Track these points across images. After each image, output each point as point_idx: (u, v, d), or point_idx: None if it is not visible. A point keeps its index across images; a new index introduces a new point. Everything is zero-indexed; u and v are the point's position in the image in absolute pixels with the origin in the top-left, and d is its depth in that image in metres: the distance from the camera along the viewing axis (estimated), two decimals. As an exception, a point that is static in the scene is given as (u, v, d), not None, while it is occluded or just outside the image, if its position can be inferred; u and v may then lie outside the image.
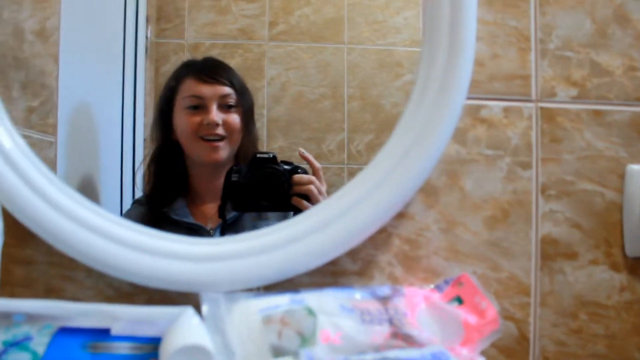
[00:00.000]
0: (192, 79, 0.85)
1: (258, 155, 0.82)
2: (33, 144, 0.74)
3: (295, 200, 0.81)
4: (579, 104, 0.83)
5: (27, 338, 0.57)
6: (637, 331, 0.83)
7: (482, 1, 0.80)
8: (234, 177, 0.82)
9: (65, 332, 0.59)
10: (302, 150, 0.83)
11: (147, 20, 0.89)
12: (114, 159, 0.88)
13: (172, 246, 0.70)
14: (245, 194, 0.80)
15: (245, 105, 0.85)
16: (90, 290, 0.74)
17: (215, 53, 0.88)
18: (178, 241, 0.71)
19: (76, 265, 0.72)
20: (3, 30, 0.81)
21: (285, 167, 0.82)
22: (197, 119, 0.83)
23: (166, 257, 0.69)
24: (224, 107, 0.84)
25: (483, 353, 0.70)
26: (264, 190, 0.81)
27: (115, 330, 0.59)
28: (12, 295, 0.73)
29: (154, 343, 0.59)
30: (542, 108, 0.82)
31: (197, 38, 0.88)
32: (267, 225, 0.75)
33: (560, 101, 0.83)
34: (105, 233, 0.69)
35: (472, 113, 0.81)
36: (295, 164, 0.83)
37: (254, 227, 0.76)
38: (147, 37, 0.88)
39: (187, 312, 0.60)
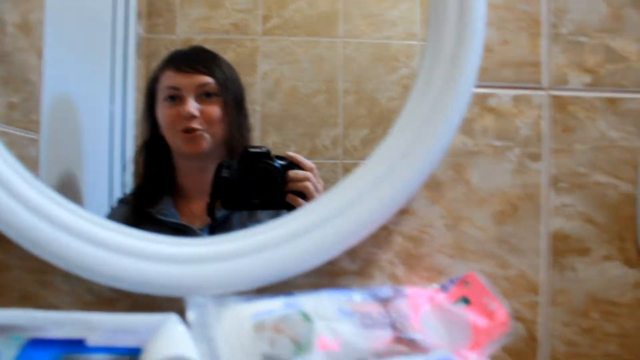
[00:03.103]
0: (170, 70, 0.82)
1: (250, 150, 0.78)
2: (14, 142, 0.73)
3: (290, 198, 0.77)
4: (592, 91, 0.79)
5: (-7, 351, 0.53)
6: (652, 330, 0.79)
7: (492, -17, 0.76)
8: (224, 173, 0.78)
9: (36, 343, 0.55)
10: (290, 153, 0.79)
11: (138, 15, 0.86)
12: (102, 157, 0.86)
13: (156, 247, 0.66)
14: (236, 191, 0.77)
15: (227, 94, 0.82)
16: (69, 296, 0.70)
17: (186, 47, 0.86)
18: (162, 242, 0.67)
19: (53, 270, 0.68)
20: (-17, 22, 0.78)
21: (280, 162, 0.78)
22: (174, 110, 0.81)
23: (150, 259, 0.65)
24: (203, 97, 0.81)
25: (491, 356, 0.66)
26: (256, 187, 0.77)
27: (92, 341, 0.55)
28: (-16, 303, 0.69)
29: (134, 354, 0.55)
30: (553, 96, 0.78)
31: (189, 33, 0.85)
32: (259, 224, 0.70)
33: (573, 89, 0.79)
34: (84, 235, 0.65)
35: (480, 102, 0.77)
36: (290, 154, 0.80)
37: (245, 226, 0.72)
38: (137, 33, 0.86)
39: (171, 320, 0.56)
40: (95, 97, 0.87)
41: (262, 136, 0.85)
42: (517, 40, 0.78)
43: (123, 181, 0.85)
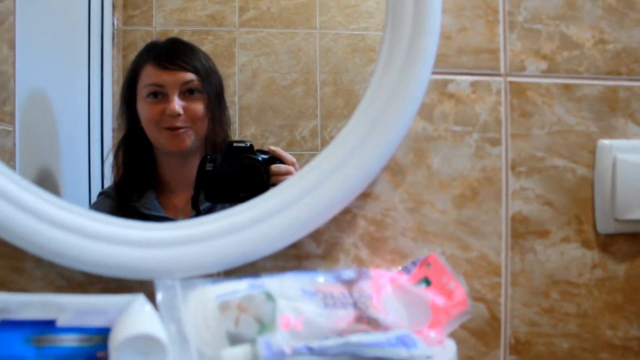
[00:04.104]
0: (152, 66, 0.81)
1: (234, 145, 0.79)
2: None
3: None
4: (549, 77, 0.81)
5: (-36, 333, 0.54)
6: (609, 309, 0.82)
7: (448, -28, 0.78)
8: (209, 167, 0.79)
9: (7, 325, 0.56)
10: (272, 147, 0.80)
11: (114, 6, 0.85)
12: (81, 150, 0.85)
13: (125, 232, 0.67)
14: (220, 184, 0.78)
15: (210, 90, 0.82)
16: (41, 281, 0.71)
17: (162, 39, 0.85)
18: (132, 227, 0.68)
19: (24, 256, 0.70)
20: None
21: (263, 156, 0.79)
22: (158, 108, 0.80)
23: (119, 243, 0.66)
24: (186, 94, 0.80)
25: (452, 335, 0.68)
26: (240, 180, 0.78)
27: (62, 322, 0.57)
28: (-44, 289, 0.70)
29: (104, 334, 0.57)
30: (511, 82, 0.80)
31: (165, 25, 0.84)
32: None
33: (530, 75, 0.81)
34: (54, 220, 0.66)
35: (439, 88, 0.78)
36: (272, 148, 0.81)
37: None
38: (113, 24, 0.85)
39: (138, 300, 0.58)
40: (72, 90, 0.86)
41: (240, 128, 0.85)
42: (475, 28, 0.79)
43: (102, 174, 0.85)
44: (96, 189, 0.84)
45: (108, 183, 0.84)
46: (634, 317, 0.83)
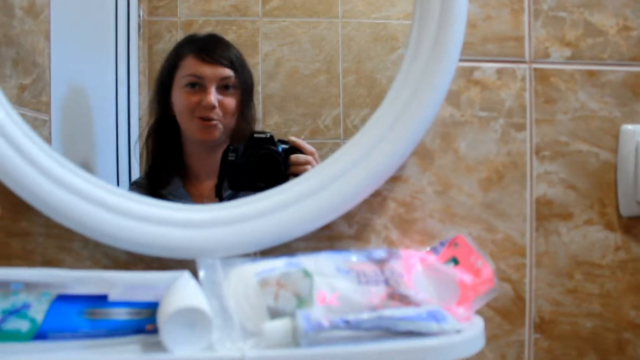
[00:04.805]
0: (193, 57, 0.84)
1: (255, 136, 0.82)
2: (27, 122, 0.74)
3: None
4: (572, 64, 0.83)
5: (26, 306, 0.57)
6: (632, 289, 0.84)
7: (474, -38, 0.80)
8: (231, 157, 0.81)
9: (63, 299, 0.59)
10: (292, 138, 0.82)
11: None
12: (110, 138, 0.88)
13: (167, 213, 0.70)
14: (242, 173, 0.80)
15: (244, 86, 0.85)
16: (87, 260, 0.75)
17: (208, 30, 0.87)
18: (174, 208, 0.71)
19: (72, 236, 0.73)
20: (-8, 5, 0.80)
21: (283, 146, 0.81)
22: (195, 98, 0.83)
23: (162, 224, 0.69)
24: (222, 88, 0.83)
25: (479, 314, 0.71)
26: (260, 171, 0.80)
27: (113, 296, 0.60)
28: (10, 267, 0.73)
29: (152, 308, 0.60)
30: (535, 69, 0.82)
31: (189, 15, 0.86)
32: None
33: (554, 62, 0.83)
34: (100, 202, 0.69)
35: (466, 75, 0.81)
36: (292, 139, 0.83)
37: None
38: (139, 15, 0.87)
39: (184, 276, 0.61)
40: (101, 80, 0.89)
41: (264, 117, 0.86)
42: (500, 16, 0.81)
43: (129, 163, 0.87)
44: (124, 177, 0.87)
45: (135, 172, 0.87)
46: (655, 298, 0.85)
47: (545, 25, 0.82)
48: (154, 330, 0.59)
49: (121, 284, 0.60)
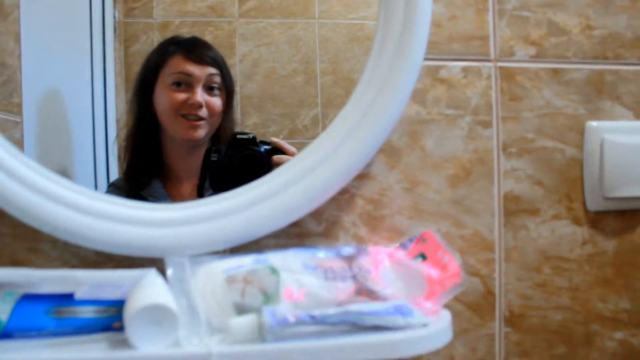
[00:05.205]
0: (181, 56, 0.84)
1: (238, 137, 0.82)
2: None
3: None
4: (537, 62, 0.84)
5: (-10, 306, 0.58)
6: (599, 282, 0.85)
7: (438, -38, 0.81)
8: (213, 157, 0.82)
9: (29, 298, 0.59)
10: (273, 139, 0.83)
11: None
12: (87, 140, 0.87)
13: (136, 213, 0.71)
14: (224, 174, 0.80)
15: (228, 88, 0.85)
16: (57, 261, 0.75)
17: (184, 31, 0.87)
18: (142, 208, 0.72)
19: (41, 237, 0.73)
20: (-42, 6, 0.79)
21: (265, 147, 0.82)
22: (181, 96, 0.83)
23: (130, 223, 0.70)
24: (208, 89, 0.84)
25: (451, 309, 0.72)
26: (243, 171, 0.80)
27: (79, 295, 0.60)
28: (-22, 269, 0.73)
29: (119, 305, 0.60)
30: (500, 67, 0.83)
31: (166, 17, 0.86)
32: None
33: (519, 60, 0.84)
34: (70, 203, 0.69)
35: (431, 74, 0.82)
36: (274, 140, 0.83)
37: None
38: (114, 17, 0.86)
39: (150, 274, 0.61)
40: (77, 82, 0.88)
41: (242, 117, 0.86)
42: (465, 16, 0.83)
43: (107, 164, 0.86)
44: (102, 179, 0.86)
45: (113, 174, 0.86)
46: (623, 291, 0.86)
47: (510, 25, 0.83)
48: (121, 328, 0.59)
49: (87, 282, 0.60)
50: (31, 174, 0.70)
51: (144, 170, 0.85)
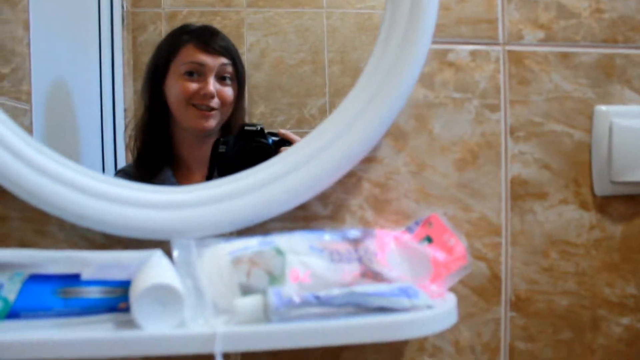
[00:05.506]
0: (193, 46, 0.84)
1: (246, 128, 0.82)
2: (7, 111, 0.74)
3: None
4: (546, 46, 0.84)
5: (-2, 286, 0.58)
6: (606, 268, 0.85)
7: (447, -57, 0.80)
8: (222, 149, 0.82)
9: (36, 279, 0.60)
10: (281, 130, 0.83)
11: None
12: (94, 129, 0.88)
13: (143, 195, 0.71)
14: (232, 166, 0.80)
15: (240, 77, 0.86)
16: (64, 243, 0.75)
17: (193, 21, 0.87)
18: (149, 191, 0.72)
19: (49, 220, 0.74)
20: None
21: (273, 138, 0.82)
22: (193, 86, 0.83)
23: (138, 206, 0.70)
24: (220, 79, 0.84)
25: (456, 293, 0.72)
26: (251, 163, 0.79)
27: (86, 275, 0.61)
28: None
29: (125, 286, 0.61)
30: (509, 51, 0.83)
31: (174, 6, 0.87)
32: None
33: (528, 44, 0.83)
34: (78, 185, 0.70)
35: (439, 57, 0.81)
36: (282, 131, 0.83)
37: None
38: (123, 7, 0.87)
39: (156, 255, 0.62)
40: (86, 71, 0.89)
41: (250, 107, 0.87)
42: (473, -1, 0.82)
43: (115, 153, 0.87)
44: (109, 169, 0.87)
45: (121, 163, 0.87)
46: (630, 276, 0.86)
47: (519, 8, 0.83)
48: (127, 309, 0.59)
49: (94, 263, 0.61)
50: (39, 156, 0.70)
51: (155, 159, 0.86)
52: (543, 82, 0.83)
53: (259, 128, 0.82)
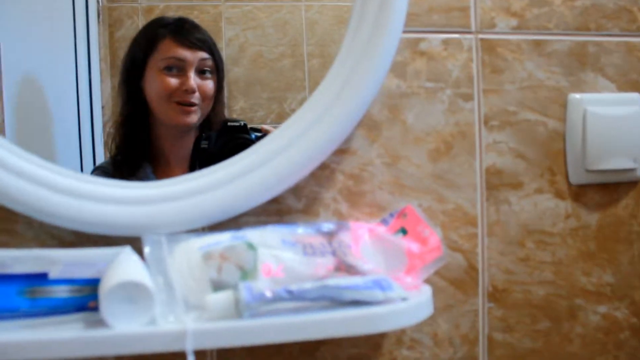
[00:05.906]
0: (170, 40, 0.83)
1: (229, 124, 0.81)
2: None
3: None
4: (519, 34, 0.83)
5: (-41, 289, 0.57)
6: (582, 256, 0.85)
7: None
8: (204, 145, 0.81)
9: (2, 278, 0.58)
10: (264, 126, 0.82)
11: None
12: (71, 127, 0.86)
13: (112, 191, 0.70)
14: (215, 161, 0.77)
15: (219, 69, 0.84)
16: (33, 242, 0.73)
17: (170, 15, 0.86)
18: (118, 186, 0.70)
19: (16, 218, 0.72)
20: None
21: (256, 134, 0.81)
22: (174, 81, 0.82)
23: (107, 202, 0.69)
24: (200, 73, 0.83)
25: (434, 286, 0.72)
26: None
27: (53, 274, 0.59)
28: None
29: (94, 284, 0.60)
30: (482, 39, 0.82)
31: (150, 1, 0.85)
32: None
33: (500, 32, 0.83)
34: (43, 182, 0.68)
35: (411, 46, 0.81)
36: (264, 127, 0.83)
37: None
38: (98, 1, 0.85)
39: (125, 251, 0.60)
40: (60, 67, 0.87)
41: (229, 102, 0.86)
42: (445, -13, 0.81)
43: (93, 150, 0.86)
44: (87, 166, 0.85)
45: (100, 160, 0.85)
46: (606, 264, 0.86)
47: (491, -4, 0.82)
48: (97, 308, 0.58)
49: (62, 262, 0.59)
50: (6, 154, 0.69)
51: (134, 155, 0.84)
52: (516, 71, 0.83)
53: (242, 124, 0.81)
